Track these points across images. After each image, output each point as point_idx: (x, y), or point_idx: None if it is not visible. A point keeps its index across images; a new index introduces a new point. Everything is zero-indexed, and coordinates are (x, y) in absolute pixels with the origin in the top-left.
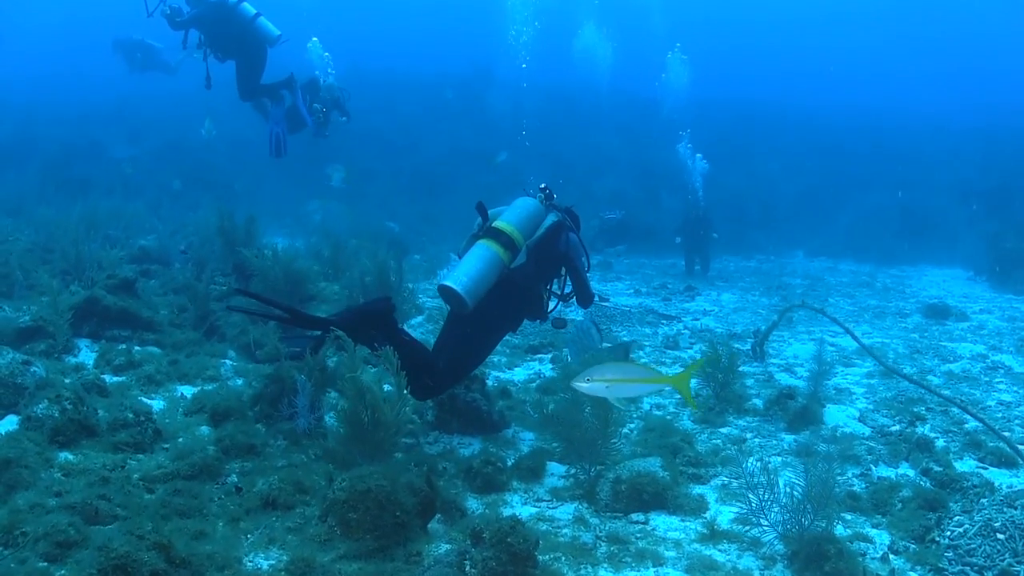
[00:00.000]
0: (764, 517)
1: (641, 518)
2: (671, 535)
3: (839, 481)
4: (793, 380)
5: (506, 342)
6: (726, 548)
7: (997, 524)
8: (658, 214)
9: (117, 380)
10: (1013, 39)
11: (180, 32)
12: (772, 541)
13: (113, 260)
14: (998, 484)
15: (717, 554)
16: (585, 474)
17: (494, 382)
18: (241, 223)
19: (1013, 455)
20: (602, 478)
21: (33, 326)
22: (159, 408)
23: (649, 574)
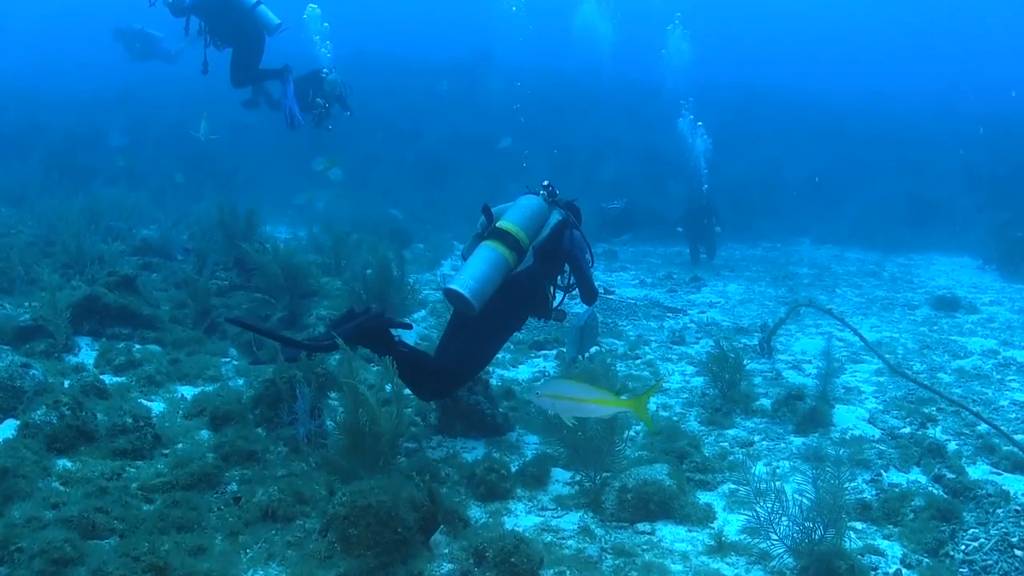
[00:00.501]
0: (773, 531)
1: (647, 528)
2: (678, 547)
3: (849, 488)
4: (801, 377)
5: (510, 338)
6: (734, 561)
7: (1015, 539)
8: (663, 200)
9: (117, 381)
10: (1022, 24)
11: (181, 19)
12: (782, 555)
13: (114, 254)
14: (1013, 492)
15: (725, 567)
16: (590, 481)
17: (498, 380)
18: (242, 215)
19: None
20: (608, 486)
21: (33, 325)
22: (159, 411)
23: None
